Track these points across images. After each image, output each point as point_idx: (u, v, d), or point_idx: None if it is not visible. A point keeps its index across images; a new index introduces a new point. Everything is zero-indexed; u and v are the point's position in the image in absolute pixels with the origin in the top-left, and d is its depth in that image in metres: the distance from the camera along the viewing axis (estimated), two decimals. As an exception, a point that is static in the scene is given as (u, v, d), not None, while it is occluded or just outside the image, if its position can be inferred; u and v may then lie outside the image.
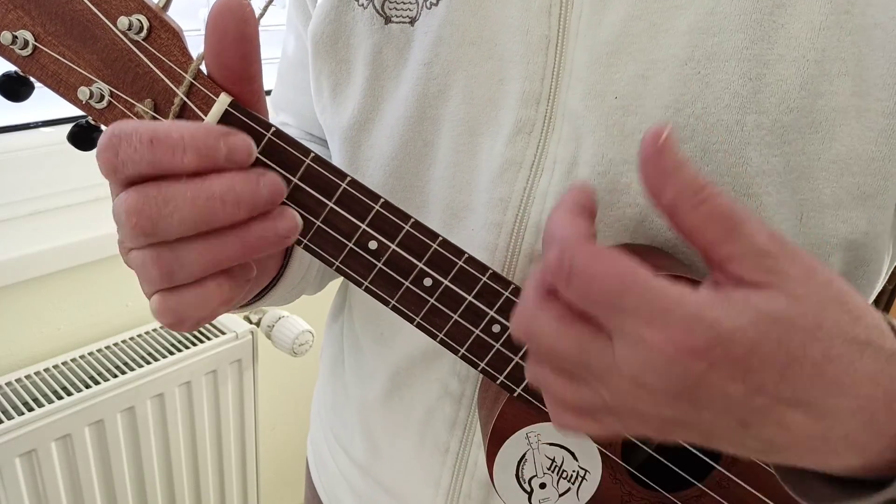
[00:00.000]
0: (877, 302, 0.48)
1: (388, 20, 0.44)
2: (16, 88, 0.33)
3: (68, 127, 0.35)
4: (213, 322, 1.12)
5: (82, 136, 0.34)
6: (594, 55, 0.39)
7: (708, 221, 0.28)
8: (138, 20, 0.32)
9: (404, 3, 0.43)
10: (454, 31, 0.42)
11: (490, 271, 0.37)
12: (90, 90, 0.33)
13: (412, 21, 0.43)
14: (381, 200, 0.35)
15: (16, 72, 0.33)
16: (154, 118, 0.33)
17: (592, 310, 0.28)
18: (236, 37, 0.31)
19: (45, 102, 1.03)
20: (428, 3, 0.43)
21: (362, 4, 0.45)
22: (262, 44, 0.33)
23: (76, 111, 0.35)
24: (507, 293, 0.37)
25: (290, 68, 0.58)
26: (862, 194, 0.39)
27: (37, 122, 1.01)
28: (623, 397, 0.28)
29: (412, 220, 0.35)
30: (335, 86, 0.47)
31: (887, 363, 0.27)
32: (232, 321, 1.12)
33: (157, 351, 1.04)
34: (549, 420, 0.39)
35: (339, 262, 0.36)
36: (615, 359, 0.27)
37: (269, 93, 1.03)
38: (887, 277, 0.47)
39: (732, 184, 0.39)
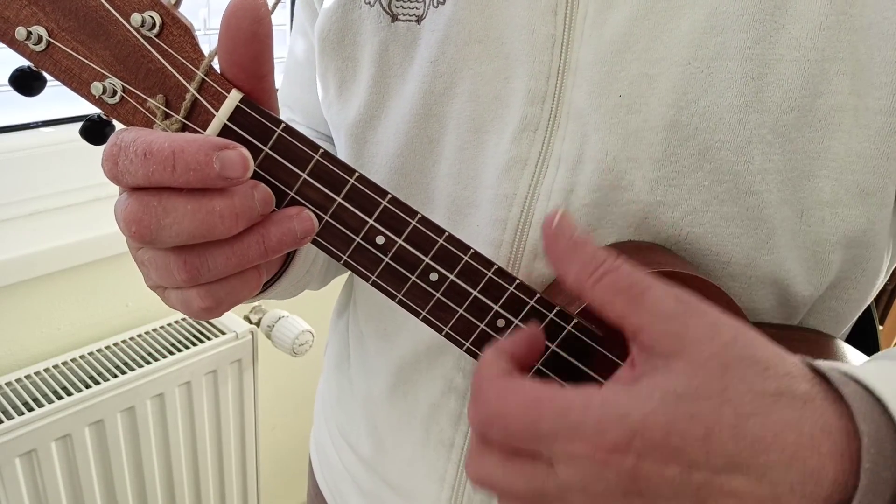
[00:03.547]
0: (877, 301, 0.48)
1: (394, 18, 0.44)
2: (29, 83, 0.34)
3: (68, 127, 0.36)
4: (213, 322, 1.12)
5: (94, 131, 0.35)
6: (599, 54, 0.40)
7: (612, 294, 0.30)
8: (151, 17, 0.32)
9: (411, 2, 0.44)
10: (461, 29, 0.42)
11: (495, 266, 0.37)
12: (103, 85, 0.33)
13: (419, 19, 0.44)
14: (389, 196, 0.35)
15: (29, 67, 0.34)
16: (166, 114, 0.34)
17: (522, 445, 0.29)
18: (249, 36, 0.32)
19: (44, 103, 1.04)
20: (435, 2, 0.43)
21: (369, 2, 0.45)
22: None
23: (76, 112, 0.35)
24: (511, 288, 0.37)
25: (298, 67, 0.59)
26: (861, 192, 0.39)
27: (37, 122, 1.01)
28: None
29: (419, 215, 0.36)
30: (341, 83, 0.48)
31: (804, 408, 0.27)
32: (232, 321, 1.12)
33: (157, 351, 1.04)
34: None
35: (347, 257, 0.37)
36: (562, 479, 0.28)
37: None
38: (888, 276, 0.47)
39: (734, 182, 0.39)
